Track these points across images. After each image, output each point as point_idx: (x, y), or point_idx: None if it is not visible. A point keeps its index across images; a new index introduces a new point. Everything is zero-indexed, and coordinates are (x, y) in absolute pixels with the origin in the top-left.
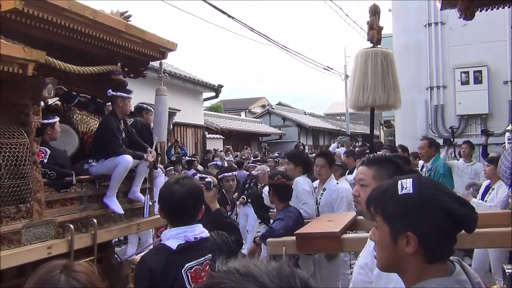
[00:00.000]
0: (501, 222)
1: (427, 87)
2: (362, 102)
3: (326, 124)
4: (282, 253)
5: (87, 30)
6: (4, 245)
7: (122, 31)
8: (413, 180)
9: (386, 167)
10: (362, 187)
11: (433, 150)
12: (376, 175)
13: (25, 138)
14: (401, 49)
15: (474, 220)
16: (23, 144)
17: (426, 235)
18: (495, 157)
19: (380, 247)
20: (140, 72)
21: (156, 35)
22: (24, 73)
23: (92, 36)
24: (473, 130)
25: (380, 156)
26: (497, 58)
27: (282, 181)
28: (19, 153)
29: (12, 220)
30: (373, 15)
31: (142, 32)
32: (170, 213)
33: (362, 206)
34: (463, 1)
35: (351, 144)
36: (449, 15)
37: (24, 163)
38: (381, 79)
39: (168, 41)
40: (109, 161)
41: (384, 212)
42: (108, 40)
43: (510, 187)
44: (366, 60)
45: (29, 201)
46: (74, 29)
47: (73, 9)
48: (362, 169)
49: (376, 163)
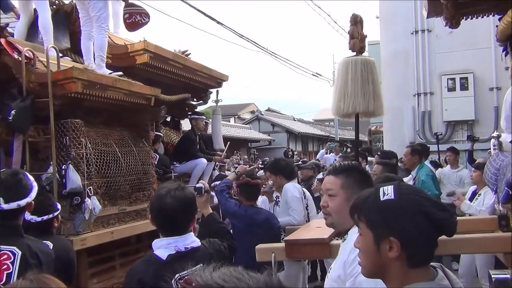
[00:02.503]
0: (487, 227)
1: (415, 93)
2: (343, 110)
3: (315, 130)
4: (271, 259)
5: (179, 71)
6: (139, 218)
7: (198, 69)
8: (394, 186)
9: (353, 176)
10: (331, 197)
11: (416, 157)
12: (344, 184)
13: (146, 147)
14: (388, 56)
15: (454, 225)
16: (146, 151)
17: (408, 240)
18: (481, 163)
19: (364, 253)
20: (202, 97)
21: (216, 70)
22: (149, 104)
23: (181, 75)
24: (460, 136)
25: (346, 165)
26: (483, 65)
27: (247, 180)
28: (143, 157)
29: (141, 202)
30: (354, 25)
31: (209, 69)
32: (161, 224)
33: (332, 218)
34: (448, 10)
35: (340, 150)
36: (436, 23)
37: (146, 163)
38: (361, 86)
39: (223, 74)
40: (190, 163)
41: (367, 219)
42: (189, 76)
43: (496, 193)
44: (347, 68)
45: (149, 189)
46: (173, 72)
47: (174, 58)
48: (329, 178)
49: (343, 172)
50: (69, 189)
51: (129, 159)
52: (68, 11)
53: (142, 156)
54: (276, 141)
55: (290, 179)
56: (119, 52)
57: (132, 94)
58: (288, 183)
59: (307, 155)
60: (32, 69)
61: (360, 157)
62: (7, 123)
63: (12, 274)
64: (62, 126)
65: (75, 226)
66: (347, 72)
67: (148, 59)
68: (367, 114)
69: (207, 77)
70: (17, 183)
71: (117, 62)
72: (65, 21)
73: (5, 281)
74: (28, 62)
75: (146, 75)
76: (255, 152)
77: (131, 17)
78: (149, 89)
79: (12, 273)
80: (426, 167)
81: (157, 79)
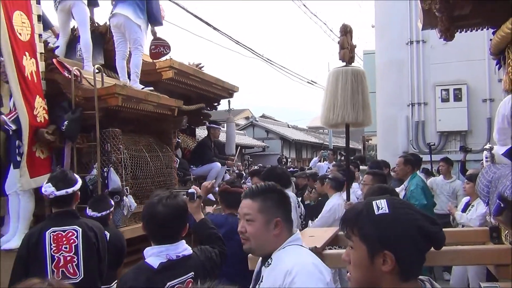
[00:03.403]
0: (478, 239)
1: (409, 103)
2: (332, 120)
3: (309, 138)
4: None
5: (197, 84)
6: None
7: (213, 82)
8: (387, 200)
9: (271, 198)
10: (248, 222)
11: (409, 167)
12: (261, 208)
13: (170, 152)
14: (383, 65)
15: (444, 238)
16: (169, 156)
17: (402, 253)
18: (474, 174)
19: (356, 267)
20: (214, 106)
21: (228, 82)
22: (173, 114)
23: (198, 87)
24: (453, 146)
25: (263, 187)
26: (476, 77)
27: (225, 187)
28: (167, 161)
29: None
30: (344, 35)
31: (222, 81)
32: (153, 232)
33: (251, 243)
34: (443, 22)
35: (334, 158)
36: (431, 34)
37: (170, 167)
38: (351, 97)
39: (234, 85)
40: (206, 166)
41: (361, 233)
42: (205, 88)
43: (488, 205)
44: (337, 78)
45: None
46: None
47: (194, 73)
48: (246, 202)
49: (260, 195)
50: (111, 189)
51: (156, 163)
52: (103, 32)
53: (167, 160)
54: (270, 148)
55: (285, 187)
56: (147, 68)
57: (160, 106)
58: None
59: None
60: (79, 85)
61: (352, 165)
62: (60, 132)
63: (78, 246)
64: (104, 135)
65: (115, 220)
66: (337, 83)
67: (173, 75)
68: (356, 124)
69: (220, 88)
70: (64, 177)
71: (145, 77)
72: (100, 40)
73: (74, 251)
74: (75, 79)
75: (168, 88)
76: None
77: (156, 48)
78: (174, 101)
79: (78, 245)
80: (417, 178)
81: (177, 90)
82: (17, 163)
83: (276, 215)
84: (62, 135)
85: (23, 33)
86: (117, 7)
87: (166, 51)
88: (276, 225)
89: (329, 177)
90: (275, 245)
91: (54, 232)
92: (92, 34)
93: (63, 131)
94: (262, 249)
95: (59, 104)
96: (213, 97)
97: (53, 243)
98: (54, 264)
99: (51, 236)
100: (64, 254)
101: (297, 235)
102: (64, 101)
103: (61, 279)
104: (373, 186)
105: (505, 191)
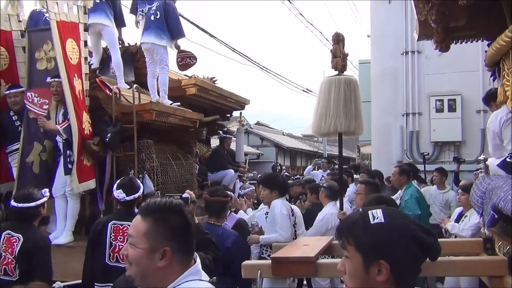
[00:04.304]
0: (472, 250)
1: (403, 113)
2: (324, 129)
3: (304, 146)
4: (256, 276)
5: (215, 98)
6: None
7: (228, 96)
8: (382, 210)
9: (165, 221)
10: (131, 245)
11: (404, 178)
12: (148, 231)
13: (191, 160)
14: (378, 75)
15: (439, 249)
16: (190, 163)
17: (397, 263)
18: (468, 185)
19: (351, 276)
20: (226, 117)
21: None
22: (194, 126)
23: (215, 101)
24: (447, 157)
25: (160, 205)
26: (470, 88)
27: (205, 196)
28: (189, 168)
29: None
30: (336, 43)
31: (236, 95)
32: None
33: (132, 270)
34: (438, 33)
35: (328, 167)
36: (426, 45)
37: (191, 173)
38: (344, 106)
39: (246, 98)
40: (221, 173)
41: (357, 242)
42: (220, 102)
43: (482, 215)
44: (330, 87)
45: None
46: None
47: (213, 89)
48: (135, 220)
49: (152, 214)
50: (146, 193)
51: (180, 170)
52: (134, 52)
53: (189, 167)
54: (265, 155)
55: (283, 195)
56: (172, 85)
57: (185, 119)
58: (277, 199)
59: (295, 170)
60: (117, 101)
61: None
62: (104, 143)
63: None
64: (139, 145)
65: None
66: (330, 91)
67: (196, 91)
68: (348, 133)
69: (233, 101)
70: (132, 184)
71: (171, 93)
72: (131, 59)
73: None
74: (115, 96)
75: (188, 101)
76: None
77: (182, 60)
78: (196, 115)
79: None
80: (412, 188)
81: (196, 103)
82: (68, 170)
83: (164, 243)
84: (104, 146)
85: (73, 57)
86: (143, 37)
87: (192, 62)
88: (163, 255)
89: (324, 186)
90: (164, 280)
91: (114, 224)
92: (123, 54)
93: (107, 142)
94: (145, 281)
95: (101, 118)
96: (226, 109)
97: (113, 233)
98: (111, 249)
99: (112, 227)
100: (119, 243)
101: (196, 266)
102: (105, 116)
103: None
104: (371, 195)
105: (500, 203)
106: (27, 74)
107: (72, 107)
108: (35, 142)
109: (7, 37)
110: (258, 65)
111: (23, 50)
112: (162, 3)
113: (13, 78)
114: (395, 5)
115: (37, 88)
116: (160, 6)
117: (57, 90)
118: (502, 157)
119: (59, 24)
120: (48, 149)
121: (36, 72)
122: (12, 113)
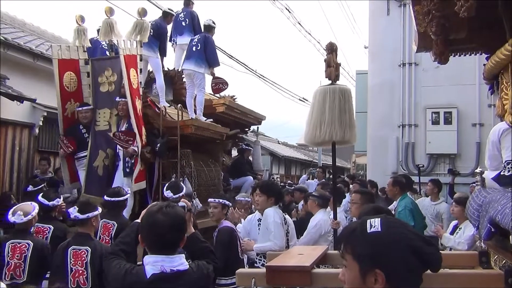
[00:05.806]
0: (467, 263)
1: (399, 124)
2: (319, 138)
3: (299, 154)
4: (250, 285)
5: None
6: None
7: (248, 113)
8: (381, 219)
9: None
10: None
11: (397, 189)
12: None
13: (218, 167)
14: (376, 86)
15: (440, 260)
16: (218, 170)
17: (393, 273)
18: (462, 197)
19: (350, 286)
20: (245, 131)
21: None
22: (222, 138)
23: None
24: (442, 169)
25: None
26: (466, 101)
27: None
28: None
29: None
30: (330, 53)
31: (255, 112)
32: (151, 241)
33: None
34: (438, 46)
35: (323, 176)
36: (423, 57)
37: (218, 178)
38: (338, 115)
39: (262, 114)
40: (241, 179)
41: (353, 251)
42: (241, 118)
43: (478, 229)
44: (324, 96)
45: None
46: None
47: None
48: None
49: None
50: (186, 193)
51: (210, 175)
52: (173, 75)
53: (216, 173)
54: None
55: (277, 204)
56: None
57: (215, 133)
58: (271, 208)
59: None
60: (164, 117)
61: (342, 184)
62: (154, 152)
63: None
64: (181, 154)
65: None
66: (325, 101)
67: (224, 109)
68: (342, 142)
69: (252, 117)
70: (178, 185)
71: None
72: (170, 81)
73: None
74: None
75: (215, 117)
76: None
77: (216, 85)
78: (223, 129)
79: None
80: (407, 199)
81: (222, 119)
82: (127, 173)
83: None
84: (154, 154)
85: (134, 82)
86: (185, 64)
87: (224, 87)
88: None
89: (314, 195)
90: None
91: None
92: (164, 77)
93: (156, 151)
94: None
95: (150, 131)
96: (245, 124)
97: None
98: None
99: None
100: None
101: None
102: (154, 129)
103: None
104: (367, 205)
105: (497, 216)
106: (93, 96)
107: (135, 123)
108: (100, 150)
109: (75, 65)
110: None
111: (87, 75)
112: (203, 37)
113: (79, 98)
114: (393, 17)
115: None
116: (201, 39)
117: (122, 108)
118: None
119: (125, 57)
120: (109, 156)
121: (100, 94)
122: (81, 127)
